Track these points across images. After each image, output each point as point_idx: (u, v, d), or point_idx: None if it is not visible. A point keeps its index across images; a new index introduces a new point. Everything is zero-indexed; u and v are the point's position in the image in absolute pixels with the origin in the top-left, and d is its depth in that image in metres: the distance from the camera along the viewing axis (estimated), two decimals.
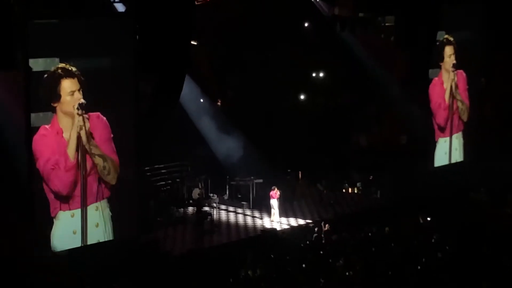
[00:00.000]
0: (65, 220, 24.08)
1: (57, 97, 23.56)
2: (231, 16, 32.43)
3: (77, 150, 24.04)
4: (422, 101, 33.89)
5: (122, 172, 25.17)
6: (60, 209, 24.00)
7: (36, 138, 23.27)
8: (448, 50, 33.61)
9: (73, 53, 23.59)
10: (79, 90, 23.84)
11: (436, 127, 33.83)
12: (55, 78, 23.40)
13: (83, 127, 24.01)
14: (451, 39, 33.55)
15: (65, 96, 23.71)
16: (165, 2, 24.49)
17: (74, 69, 23.63)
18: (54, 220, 23.92)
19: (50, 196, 23.72)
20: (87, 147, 24.21)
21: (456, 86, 34.13)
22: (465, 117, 34.87)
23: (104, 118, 24.69)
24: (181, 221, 30.19)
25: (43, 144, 23.46)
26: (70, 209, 24.19)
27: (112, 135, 24.92)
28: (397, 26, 31.96)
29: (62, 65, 23.42)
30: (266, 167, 32.52)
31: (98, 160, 24.58)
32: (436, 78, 33.50)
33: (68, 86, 23.68)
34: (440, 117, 33.78)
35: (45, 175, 23.48)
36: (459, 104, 34.52)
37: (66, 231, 24.16)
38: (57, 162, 23.62)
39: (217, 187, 32.73)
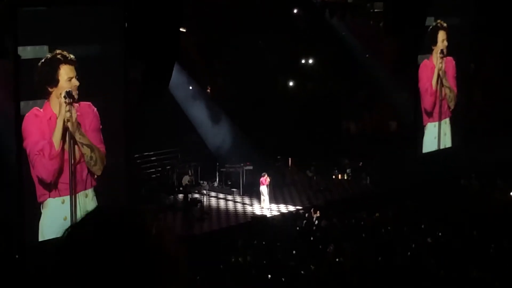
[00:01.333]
0: (55, 207, 24.01)
1: (55, 82, 23.45)
2: (220, 3, 32.38)
3: (62, 138, 23.91)
4: (411, 87, 33.96)
5: (111, 161, 25.15)
6: (50, 196, 23.94)
7: (28, 115, 23.04)
8: (441, 35, 33.63)
9: (62, 41, 23.50)
10: (75, 77, 23.85)
11: (423, 112, 33.88)
12: (55, 63, 23.31)
13: (71, 116, 23.96)
14: (444, 24, 33.59)
15: (63, 82, 23.65)
16: None
17: (72, 56, 23.60)
18: (41, 207, 23.85)
19: (36, 182, 23.64)
20: (75, 136, 24.18)
21: (444, 73, 34.16)
22: (452, 104, 34.94)
23: (95, 108, 24.65)
24: (171, 208, 30.21)
25: (34, 124, 23.28)
26: (60, 195, 24.18)
27: (101, 126, 24.90)
28: (386, 12, 31.97)
29: (60, 51, 23.34)
30: (256, 153, 32.54)
31: (85, 150, 24.52)
32: (427, 61, 33.54)
33: (66, 72, 23.60)
34: (426, 102, 33.81)
35: (30, 160, 23.33)
36: (447, 91, 34.57)
37: (56, 218, 24.08)
38: (43, 148, 23.54)
39: (207, 174, 32.75)
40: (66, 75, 23.66)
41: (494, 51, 36.58)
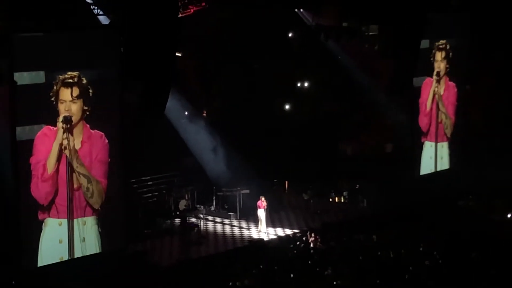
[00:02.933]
0: (53, 228, 24.14)
1: (52, 107, 23.70)
2: (216, 27, 32.45)
3: (57, 162, 23.99)
4: (408, 108, 34.05)
5: (109, 186, 25.16)
6: (49, 215, 24.04)
7: (39, 134, 23.47)
8: (437, 57, 33.78)
9: (58, 66, 23.61)
10: (72, 101, 23.94)
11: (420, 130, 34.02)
12: (50, 88, 23.55)
13: (68, 142, 23.97)
14: (442, 46, 33.74)
15: (59, 105, 23.84)
16: (149, 14, 24.48)
17: (69, 80, 23.80)
18: (43, 224, 23.93)
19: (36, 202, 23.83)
20: (73, 164, 24.20)
21: (441, 97, 34.27)
22: (448, 132, 35.04)
23: (106, 140, 24.89)
24: (168, 232, 30.12)
25: (42, 143, 23.60)
26: (58, 217, 24.22)
27: (109, 159, 25.08)
28: (381, 35, 32.08)
29: (61, 76, 23.64)
30: (252, 177, 32.50)
31: (82, 180, 24.64)
32: (428, 79, 33.79)
33: (62, 96, 23.82)
34: (421, 121, 33.94)
35: (30, 178, 23.52)
36: (443, 117, 34.66)
37: (53, 239, 24.17)
38: (38, 169, 23.61)
39: (203, 198, 32.69)
40: (62, 99, 23.75)
41: (490, 72, 36.68)
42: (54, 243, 24.21)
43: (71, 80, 23.87)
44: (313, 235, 28.34)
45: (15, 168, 23.17)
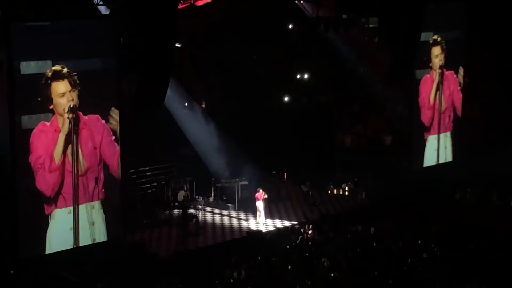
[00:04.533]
0: (62, 217, 24.31)
1: (50, 99, 23.72)
2: (215, 18, 32.39)
3: (64, 152, 24.11)
4: (406, 100, 34.05)
5: (107, 175, 25.24)
6: (57, 206, 24.21)
7: (34, 132, 23.53)
8: (435, 51, 33.81)
9: (59, 56, 23.64)
10: (70, 91, 23.96)
11: (423, 125, 33.97)
12: (45, 81, 23.57)
13: (73, 130, 24.03)
14: (439, 39, 33.75)
15: (56, 98, 23.83)
16: (149, 4, 24.45)
17: (65, 70, 23.82)
18: (49, 217, 24.09)
19: (42, 195, 23.93)
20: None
21: (442, 86, 34.28)
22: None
23: (103, 121, 25.02)
24: (166, 223, 30.14)
25: (39, 139, 23.67)
26: (66, 206, 24.43)
27: (114, 137, 25.31)
28: (381, 27, 32.06)
29: (53, 67, 23.59)
30: (251, 168, 32.52)
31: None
32: (428, 76, 33.80)
33: (58, 88, 23.82)
34: (424, 115, 33.93)
35: (34, 173, 23.64)
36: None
37: (63, 228, 24.38)
38: (43, 162, 23.72)
39: (202, 189, 32.68)
40: (58, 91, 23.86)
41: (488, 64, 36.68)
42: (65, 231, 24.44)
43: (64, 71, 23.91)
44: (311, 227, 28.38)
45: (13, 154, 23.18)
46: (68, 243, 24.57)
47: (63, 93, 23.91)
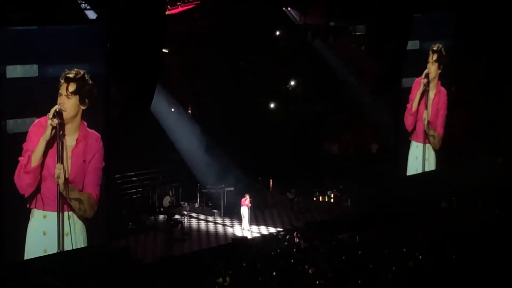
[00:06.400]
0: (37, 220, 24.12)
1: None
2: (203, 24, 32.43)
3: (43, 156, 23.96)
4: (393, 109, 34.11)
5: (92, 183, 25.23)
6: (35, 207, 24.05)
7: (35, 123, 23.52)
8: (430, 59, 33.89)
9: (46, 60, 23.54)
10: (67, 96, 24.03)
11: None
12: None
13: (58, 137, 23.95)
14: (436, 48, 33.85)
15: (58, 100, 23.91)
16: (136, 9, 24.45)
17: (60, 74, 23.89)
18: (30, 215, 23.98)
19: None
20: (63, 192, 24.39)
21: (430, 101, 34.30)
22: (436, 146, 35.15)
23: (101, 143, 25.04)
24: (152, 228, 30.08)
25: (37, 132, 23.63)
26: (44, 210, 24.21)
27: (103, 164, 25.23)
28: (368, 35, 32.16)
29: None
30: (237, 175, 32.51)
31: (74, 204, 24.77)
32: (419, 79, 33.83)
33: (61, 90, 23.93)
34: (406, 119, 33.95)
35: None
36: (431, 132, 34.71)
37: (37, 231, 24.16)
38: (24, 159, 23.60)
39: (188, 195, 32.64)
40: (60, 93, 23.87)
41: (475, 73, 36.83)
42: (38, 234, 24.21)
43: (70, 76, 23.95)
44: (297, 234, 28.37)
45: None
46: (42, 248, 24.28)
47: (61, 94, 23.92)
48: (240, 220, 30.60)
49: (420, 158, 34.69)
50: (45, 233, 24.36)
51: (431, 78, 34.16)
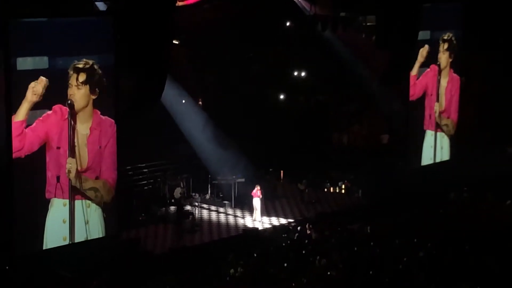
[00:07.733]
0: (57, 208, 24.23)
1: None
2: (213, 15, 32.39)
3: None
4: (403, 99, 34.01)
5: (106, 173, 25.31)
6: (55, 196, 24.16)
7: (50, 113, 23.67)
8: (441, 48, 33.78)
9: (56, 52, 23.56)
10: (77, 86, 24.11)
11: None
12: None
13: (70, 126, 24.02)
14: (445, 37, 33.74)
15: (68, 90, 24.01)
16: (146, 1, 24.43)
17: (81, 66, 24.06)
18: (49, 205, 24.07)
19: (48, 179, 24.00)
20: (76, 184, 24.49)
21: (443, 89, 34.20)
22: (451, 133, 35.11)
23: (115, 129, 25.15)
24: (162, 220, 30.14)
25: (54, 119, 23.81)
26: (63, 198, 24.33)
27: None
28: (378, 25, 32.05)
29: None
30: (248, 166, 32.52)
31: (90, 193, 24.86)
32: (429, 70, 33.73)
33: (71, 80, 24.01)
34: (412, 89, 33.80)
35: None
36: (444, 121, 34.61)
37: (57, 219, 24.27)
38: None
39: (199, 186, 32.69)
40: (70, 83, 23.93)
41: (484, 65, 36.69)
42: (58, 222, 24.33)
43: (80, 66, 24.01)
44: (308, 225, 28.37)
45: (9, 150, 23.09)
46: (61, 235, 24.41)
47: (71, 85, 23.99)
48: (251, 211, 30.63)
49: (433, 148, 34.55)
50: (65, 220, 24.48)
51: (442, 67, 34.08)
